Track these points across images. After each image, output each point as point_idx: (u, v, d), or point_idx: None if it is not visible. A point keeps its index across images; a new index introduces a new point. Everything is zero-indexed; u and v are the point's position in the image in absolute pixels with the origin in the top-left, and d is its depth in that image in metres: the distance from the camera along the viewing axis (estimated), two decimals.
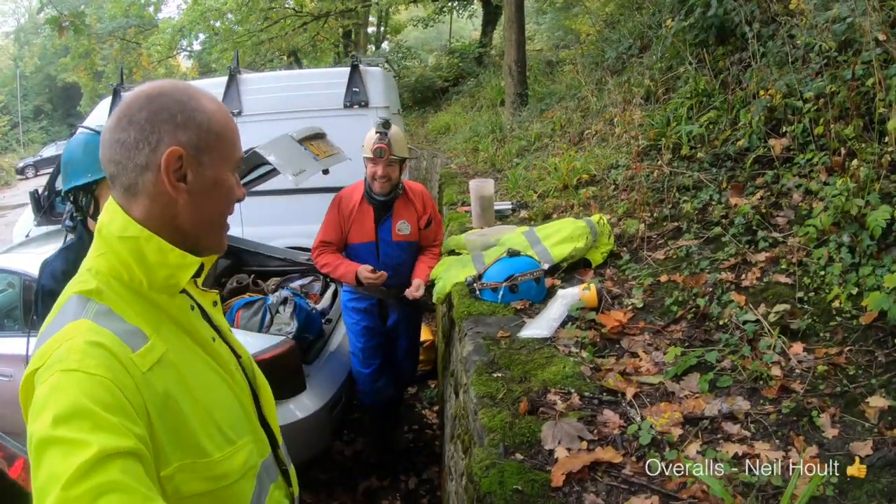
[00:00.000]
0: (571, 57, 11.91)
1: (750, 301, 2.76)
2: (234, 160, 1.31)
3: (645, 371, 2.37)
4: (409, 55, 23.65)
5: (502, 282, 3.13)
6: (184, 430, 1.14)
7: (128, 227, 1.21)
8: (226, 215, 1.34)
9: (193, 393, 1.20)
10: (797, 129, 3.65)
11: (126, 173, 1.21)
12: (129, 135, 1.19)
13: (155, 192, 1.21)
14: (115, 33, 22.84)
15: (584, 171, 5.30)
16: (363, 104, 6.56)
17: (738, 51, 4.94)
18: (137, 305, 1.20)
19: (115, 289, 1.20)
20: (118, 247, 1.21)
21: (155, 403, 1.09)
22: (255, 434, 1.36)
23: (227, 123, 1.29)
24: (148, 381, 1.09)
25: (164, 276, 1.23)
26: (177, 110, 1.21)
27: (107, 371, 1.02)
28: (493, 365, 2.51)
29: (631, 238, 3.78)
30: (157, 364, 1.13)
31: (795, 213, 3.31)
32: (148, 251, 1.21)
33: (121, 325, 1.14)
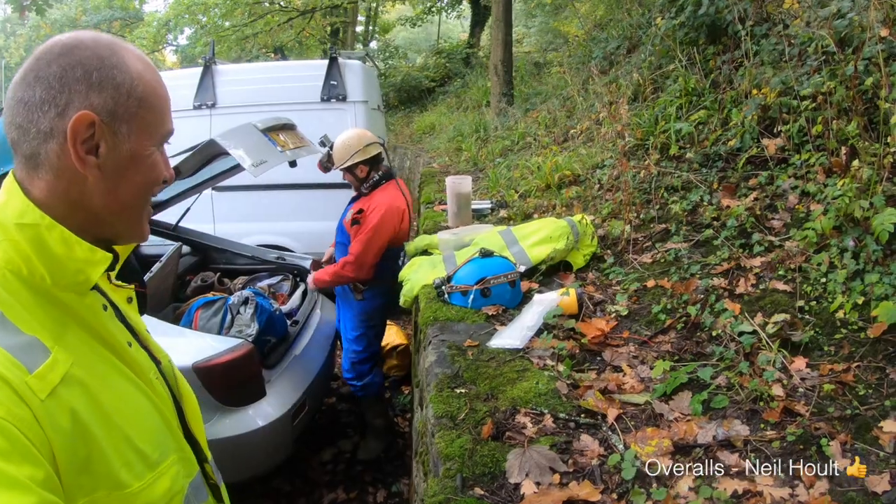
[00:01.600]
0: (559, 58, 11.72)
1: (745, 310, 2.51)
2: (160, 133, 1.09)
3: (629, 388, 2.08)
4: (397, 55, 23.51)
5: (473, 284, 2.83)
6: (96, 461, 0.96)
7: (26, 211, 1.00)
8: (147, 198, 1.12)
9: (107, 414, 1.00)
10: (793, 128, 3.45)
11: (27, 140, 1.00)
12: (35, 93, 0.99)
13: (59, 165, 1.00)
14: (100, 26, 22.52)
15: (568, 170, 5.06)
16: (341, 98, 6.33)
17: (728, 50, 4.76)
18: (38, 307, 0.99)
19: (11, 286, 0.98)
20: (15, 235, 0.99)
21: (59, 435, 0.91)
22: (180, 452, 1.18)
23: (153, 87, 1.07)
24: (48, 409, 0.90)
25: (71, 271, 1.02)
26: (93, 67, 1.00)
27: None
28: (457, 379, 2.21)
29: (616, 240, 3.52)
30: (60, 384, 0.94)
31: (792, 216, 3.08)
32: (50, 241, 1.00)
33: (14, 337, 0.93)
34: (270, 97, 6.13)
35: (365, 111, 6.40)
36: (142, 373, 1.15)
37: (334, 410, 5.19)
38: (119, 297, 1.22)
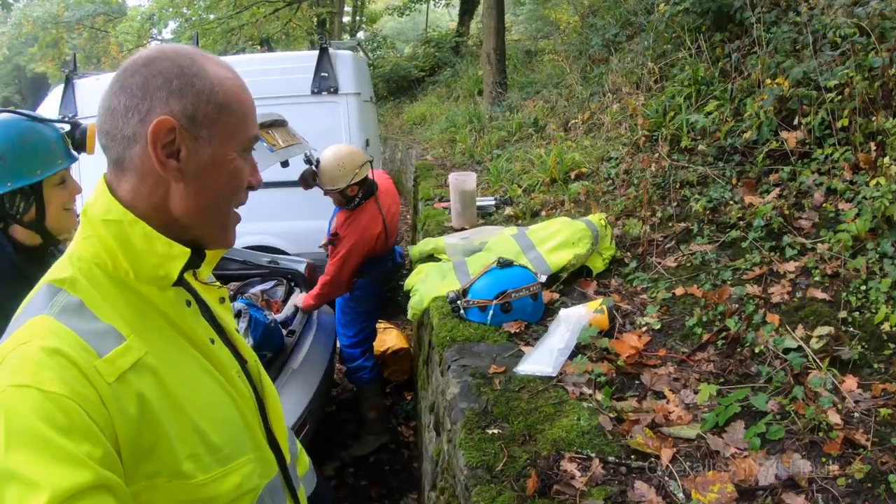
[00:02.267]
0: (552, 46, 11.54)
1: (785, 321, 2.33)
2: (242, 138, 1.11)
3: (676, 419, 1.89)
4: (385, 45, 23.23)
5: (492, 299, 2.61)
6: (162, 449, 0.99)
7: (111, 209, 1.06)
8: (230, 204, 1.14)
9: (178, 404, 1.04)
10: (814, 121, 3.26)
11: (115, 145, 1.06)
12: (120, 102, 1.05)
13: (143, 168, 1.05)
14: (84, 21, 22.14)
15: (574, 163, 4.85)
16: (332, 90, 6.11)
17: (736, 37, 4.59)
18: (120, 299, 1.05)
19: (95, 279, 1.05)
20: (102, 231, 1.06)
21: (125, 419, 0.95)
22: (258, 451, 1.19)
23: (235, 93, 1.09)
24: (116, 393, 0.95)
25: (151, 265, 1.07)
26: (173, 75, 1.04)
27: (63, 386, 0.89)
28: (487, 416, 1.98)
29: (634, 241, 3.33)
30: (131, 370, 0.98)
31: (820, 215, 2.91)
32: (133, 236, 1.06)
33: (90, 323, 0.99)
34: (258, 91, 5.83)
35: (357, 104, 6.19)
36: (224, 369, 1.17)
37: (336, 420, 4.99)
38: (211, 297, 1.26)
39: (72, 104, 6.43)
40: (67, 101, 6.45)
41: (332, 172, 3.98)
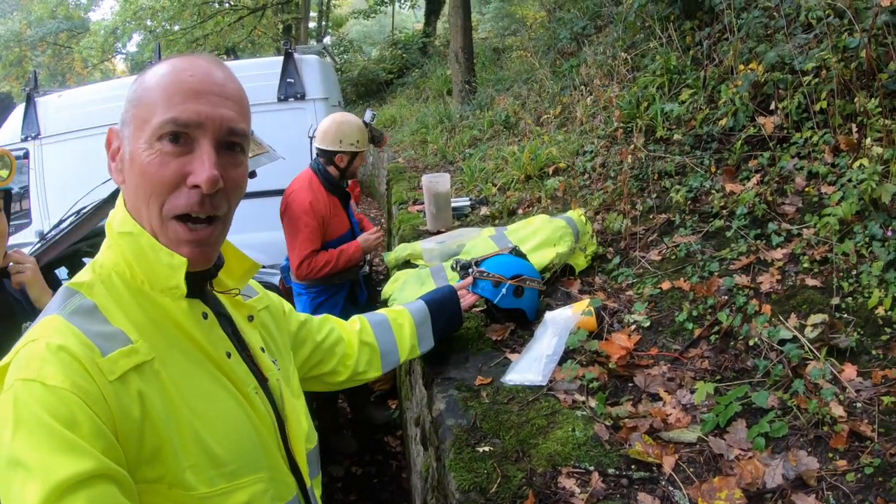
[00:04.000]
0: (519, 43, 11.50)
1: (777, 311, 2.25)
2: (151, 126, 1.06)
3: (675, 421, 1.80)
4: (352, 48, 23.13)
5: (509, 277, 2.44)
6: (164, 455, 1.01)
7: (125, 221, 1.12)
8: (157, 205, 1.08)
9: (181, 412, 1.05)
10: (790, 105, 3.21)
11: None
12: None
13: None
14: (46, 38, 21.79)
15: (549, 158, 4.77)
16: (299, 96, 5.99)
17: (707, 25, 4.54)
18: (135, 306, 1.10)
19: (113, 285, 1.10)
20: (119, 241, 1.12)
21: (126, 419, 0.98)
22: (273, 472, 1.19)
23: (150, 84, 1.08)
24: (117, 392, 0.98)
25: (163, 275, 1.10)
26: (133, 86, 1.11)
27: (65, 380, 0.94)
28: (476, 432, 1.86)
29: (616, 235, 3.25)
30: (133, 371, 1.01)
31: (804, 200, 2.84)
32: (143, 247, 1.10)
33: (99, 326, 1.04)
34: None
35: (325, 109, 6.07)
36: (240, 385, 1.18)
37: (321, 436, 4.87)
38: (238, 313, 1.29)
39: (34, 122, 6.27)
40: (29, 119, 6.30)
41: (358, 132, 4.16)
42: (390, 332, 1.96)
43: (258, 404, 1.20)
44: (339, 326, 1.82)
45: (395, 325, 1.98)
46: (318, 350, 1.69)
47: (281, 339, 1.46)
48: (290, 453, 1.27)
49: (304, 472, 1.30)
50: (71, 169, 5.82)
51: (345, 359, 1.78)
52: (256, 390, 1.22)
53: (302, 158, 5.81)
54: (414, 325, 2.02)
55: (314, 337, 1.69)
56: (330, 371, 1.74)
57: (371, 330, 1.91)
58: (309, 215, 3.93)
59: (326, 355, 1.72)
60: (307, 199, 3.96)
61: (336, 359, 1.75)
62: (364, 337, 1.87)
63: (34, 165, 6.33)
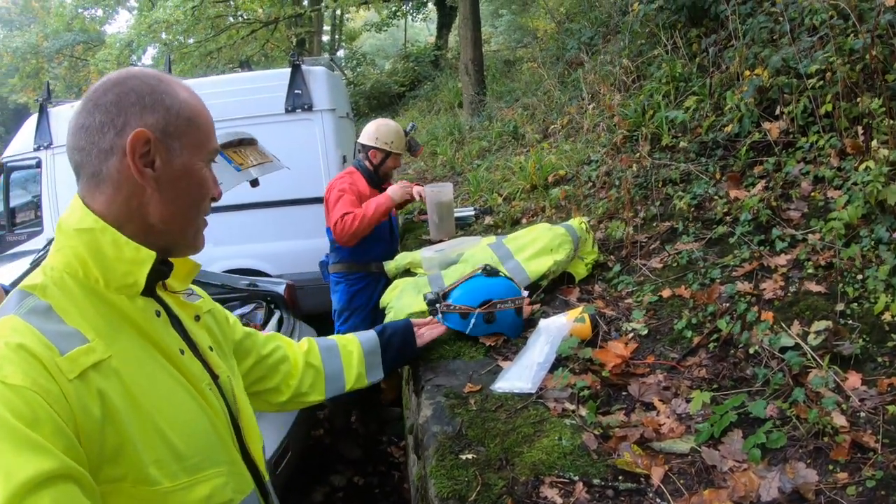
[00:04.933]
0: (530, 54, 11.49)
1: (780, 319, 2.18)
2: (207, 150, 1.23)
3: (668, 431, 1.73)
4: (364, 62, 23.22)
5: (476, 307, 2.43)
6: (127, 452, 1.02)
7: (84, 218, 1.14)
8: (199, 210, 1.24)
9: (141, 407, 1.06)
10: (796, 109, 3.15)
11: (90, 160, 1.14)
12: (94, 119, 1.13)
13: (120, 179, 1.14)
14: (63, 51, 22.05)
15: (554, 168, 4.73)
16: (307, 107, 5.99)
17: (712, 32, 4.50)
18: (89, 306, 1.10)
19: (66, 286, 1.11)
20: (74, 240, 1.13)
21: (88, 419, 0.98)
22: (231, 465, 1.21)
23: (199, 110, 1.21)
24: (77, 390, 0.98)
25: (120, 272, 1.13)
26: (145, 93, 1.15)
27: (26, 379, 0.94)
28: (461, 439, 1.81)
29: (618, 243, 3.19)
30: (91, 369, 1.02)
31: (809, 205, 2.77)
32: (104, 244, 1.13)
33: (55, 325, 1.04)
34: (231, 112, 5.77)
35: (333, 120, 6.07)
36: (194, 381, 1.20)
37: (322, 444, 4.82)
38: (185, 313, 1.31)
39: (46, 132, 6.34)
40: (42, 129, 6.38)
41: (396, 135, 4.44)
42: (338, 358, 1.95)
43: (212, 400, 1.22)
44: (285, 345, 1.80)
45: (344, 352, 1.97)
46: (262, 365, 1.67)
47: (226, 345, 1.46)
48: (244, 448, 1.29)
49: (261, 467, 1.33)
50: None
51: (288, 378, 1.76)
52: (210, 386, 1.23)
53: (309, 169, 5.82)
54: (362, 353, 2.01)
55: (259, 350, 1.67)
56: (272, 388, 1.72)
57: (318, 353, 1.89)
58: (345, 190, 4.15)
59: (270, 372, 1.70)
60: (345, 180, 4.26)
61: (279, 377, 1.73)
62: (310, 359, 1.85)
63: (46, 174, 6.39)
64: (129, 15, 22.81)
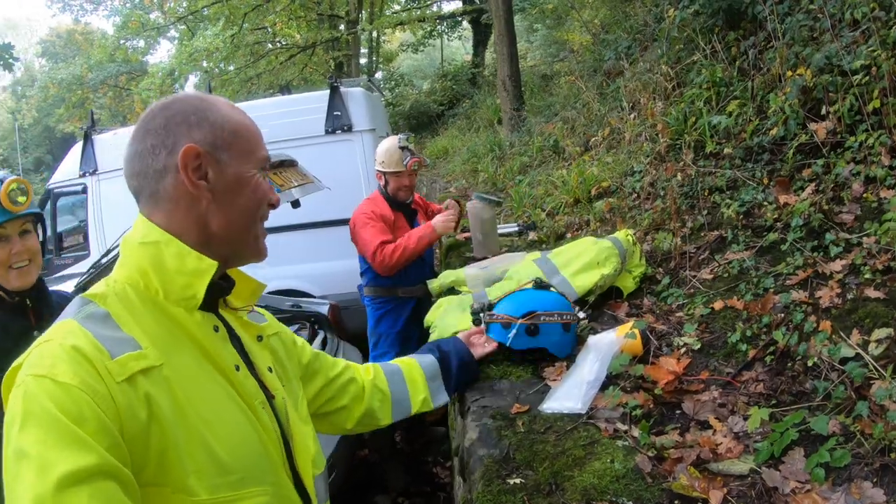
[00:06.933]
0: (567, 68, 11.44)
1: (837, 327, 2.10)
2: (256, 158, 1.27)
3: (725, 451, 1.66)
4: (402, 82, 23.43)
5: (518, 317, 2.31)
6: (170, 458, 1.04)
7: (150, 232, 1.19)
8: (257, 217, 1.28)
9: (188, 416, 1.08)
10: (842, 107, 3.05)
11: (148, 182, 1.20)
12: (147, 143, 1.19)
13: (177, 194, 1.19)
14: (107, 81, 22.70)
15: (597, 180, 4.67)
16: (346, 128, 6.04)
17: (751, 34, 4.41)
18: (148, 317, 1.15)
19: (127, 297, 1.15)
20: (138, 254, 1.19)
21: (133, 422, 1.01)
22: (277, 487, 1.21)
23: (243, 121, 1.27)
24: (125, 393, 1.02)
25: (180, 285, 1.18)
26: (190, 112, 1.20)
27: (75, 378, 0.98)
28: (508, 463, 1.76)
29: (666, 255, 3.12)
30: (140, 374, 1.05)
31: (862, 207, 2.67)
32: (167, 256, 1.17)
33: (111, 331, 1.08)
34: (273, 135, 5.85)
35: (373, 140, 6.10)
36: (247, 397, 1.22)
37: (368, 464, 4.80)
38: (247, 332, 1.34)
39: (91, 159, 6.50)
40: (87, 156, 6.54)
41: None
42: (403, 383, 1.94)
43: (265, 419, 1.24)
44: (353, 369, 1.81)
45: (409, 377, 1.97)
46: (331, 386, 1.69)
47: (290, 367, 1.49)
48: (296, 473, 1.29)
49: (311, 493, 1.32)
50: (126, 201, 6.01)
51: (356, 400, 1.77)
52: (263, 405, 1.25)
53: (350, 189, 5.85)
54: (425, 378, 2.00)
55: (327, 372, 1.69)
56: (341, 408, 1.72)
57: (384, 377, 1.89)
58: (371, 217, 4.10)
59: (338, 392, 1.71)
60: (368, 207, 4.19)
61: (348, 397, 1.74)
62: (377, 382, 1.86)
63: (92, 199, 6.55)
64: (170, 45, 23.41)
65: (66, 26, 36.67)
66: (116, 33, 18.25)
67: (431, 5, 23.26)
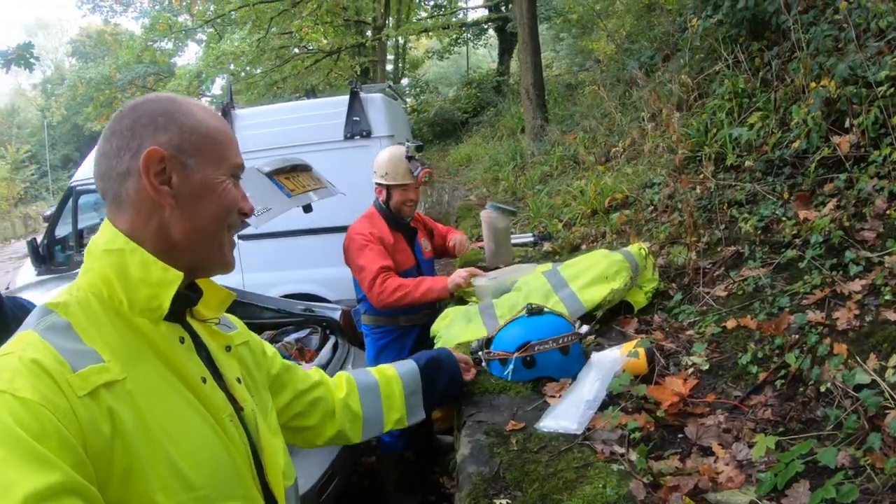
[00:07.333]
0: (591, 78, 11.37)
1: (854, 351, 2.00)
2: (228, 164, 1.23)
3: (726, 480, 1.57)
4: (428, 89, 23.47)
5: (513, 351, 2.25)
6: (135, 475, 1.00)
7: (114, 239, 1.15)
8: (223, 226, 1.23)
9: (152, 432, 1.05)
10: (866, 120, 2.95)
11: (111, 185, 1.17)
12: (112, 144, 1.16)
13: (138, 199, 1.15)
14: (135, 82, 22.99)
15: (615, 191, 4.59)
16: (365, 134, 6.01)
17: (775, 44, 4.31)
18: (110, 328, 1.10)
19: (90, 307, 1.11)
20: (102, 261, 1.15)
21: (97, 437, 0.97)
22: (248, 500, 1.18)
23: (215, 126, 1.23)
24: (87, 408, 0.98)
25: (145, 295, 1.14)
26: (158, 114, 1.17)
27: (35, 393, 0.94)
28: (497, 482, 1.69)
29: (680, 270, 3.03)
30: (103, 388, 1.01)
31: (884, 224, 2.56)
32: (131, 265, 1.14)
33: (72, 343, 1.04)
34: (292, 139, 5.87)
35: None
36: (214, 411, 1.18)
37: (375, 472, 4.73)
38: (215, 342, 1.31)
39: None
40: None
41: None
42: (378, 401, 1.90)
43: (233, 432, 1.20)
44: (325, 384, 1.77)
45: (385, 394, 1.92)
46: (300, 400, 1.65)
47: (259, 377, 1.45)
48: (267, 486, 1.26)
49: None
50: None
51: (327, 418, 1.73)
52: (231, 418, 1.21)
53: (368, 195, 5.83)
54: (404, 394, 1.95)
55: (296, 385, 1.65)
56: (310, 427, 1.69)
57: (358, 396, 1.85)
58: (369, 239, 3.71)
59: (308, 409, 1.67)
60: (366, 227, 3.79)
61: (317, 416, 1.70)
62: (350, 402, 1.81)
63: None
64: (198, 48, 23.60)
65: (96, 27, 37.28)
66: (144, 35, 18.44)
67: (457, 13, 23.30)
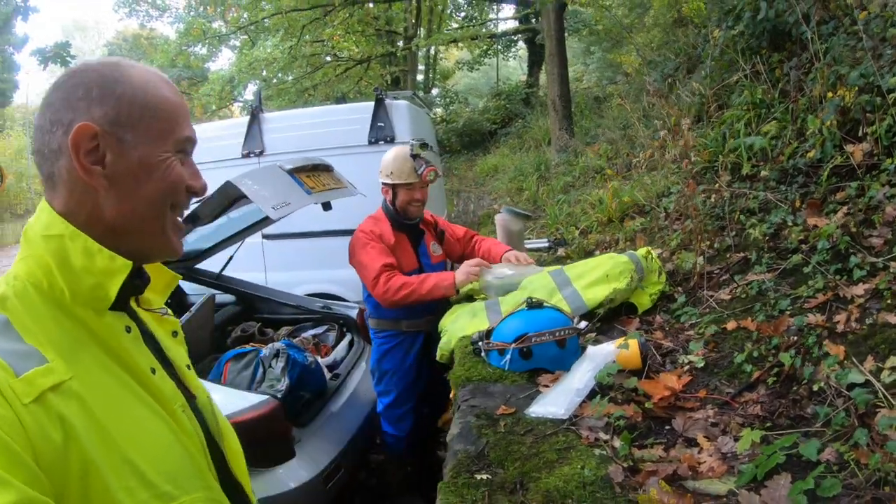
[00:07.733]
0: (619, 91, 11.39)
1: (852, 353, 2.00)
2: (174, 138, 1.09)
3: (707, 470, 1.58)
4: (457, 99, 23.56)
5: (511, 342, 2.30)
6: (92, 480, 0.92)
7: (53, 223, 1.03)
8: (165, 207, 1.09)
9: (106, 432, 0.96)
10: (880, 129, 2.95)
11: (45, 163, 1.05)
12: (46, 118, 1.04)
13: (70, 179, 1.03)
14: None
15: (630, 198, 4.61)
16: (389, 140, 6.07)
17: (795, 54, 4.30)
18: (51, 321, 0.99)
19: (28, 298, 1.00)
20: (41, 248, 1.03)
21: (48, 445, 0.88)
22: (208, 492, 1.10)
23: (160, 94, 1.09)
24: (34, 415, 0.88)
25: (89, 285, 1.02)
26: (94, 84, 1.03)
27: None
28: (481, 459, 1.72)
29: (687, 275, 3.04)
30: (50, 391, 0.91)
31: (893, 231, 2.56)
32: (73, 252, 1.02)
33: (11, 343, 0.93)
34: (318, 142, 5.93)
35: None
36: (165, 402, 1.10)
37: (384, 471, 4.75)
38: (161, 328, 1.22)
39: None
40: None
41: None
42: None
43: (185, 423, 1.12)
44: None
45: None
46: None
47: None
48: (230, 472, 1.19)
49: (247, 490, 1.24)
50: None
51: None
52: (184, 408, 1.13)
53: None
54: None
55: None
56: None
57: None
58: (370, 237, 3.68)
59: None
60: (368, 226, 3.76)
61: None
62: None
63: None
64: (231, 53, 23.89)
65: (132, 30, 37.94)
66: (179, 39, 18.73)
67: (487, 24, 23.38)
